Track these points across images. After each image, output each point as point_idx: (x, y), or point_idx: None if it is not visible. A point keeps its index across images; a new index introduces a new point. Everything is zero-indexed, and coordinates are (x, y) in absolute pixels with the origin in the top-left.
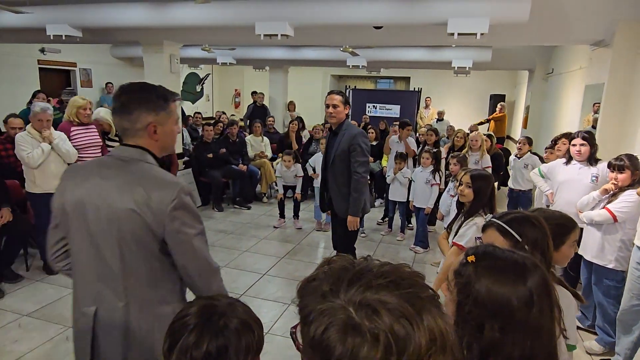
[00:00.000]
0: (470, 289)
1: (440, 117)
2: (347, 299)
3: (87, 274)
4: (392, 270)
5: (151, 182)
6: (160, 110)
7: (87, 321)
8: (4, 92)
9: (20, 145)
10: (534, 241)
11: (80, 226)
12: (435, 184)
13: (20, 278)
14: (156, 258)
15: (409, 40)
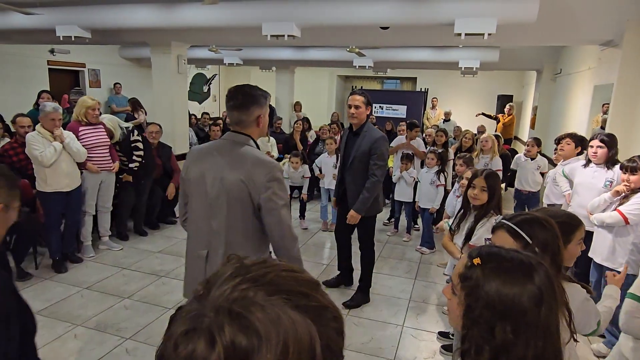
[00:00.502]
0: (479, 292)
1: (447, 118)
2: (212, 300)
3: (202, 227)
4: (271, 272)
5: (254, 160)
6: (264, 105)
7: (201, 261)
8: (15, 92)
9: (32, 145)
10: (544, 243)
11: (200, 192)
12: (440, 185)
13: (29, 276)
14: (251, 219)
15: (415, 40)
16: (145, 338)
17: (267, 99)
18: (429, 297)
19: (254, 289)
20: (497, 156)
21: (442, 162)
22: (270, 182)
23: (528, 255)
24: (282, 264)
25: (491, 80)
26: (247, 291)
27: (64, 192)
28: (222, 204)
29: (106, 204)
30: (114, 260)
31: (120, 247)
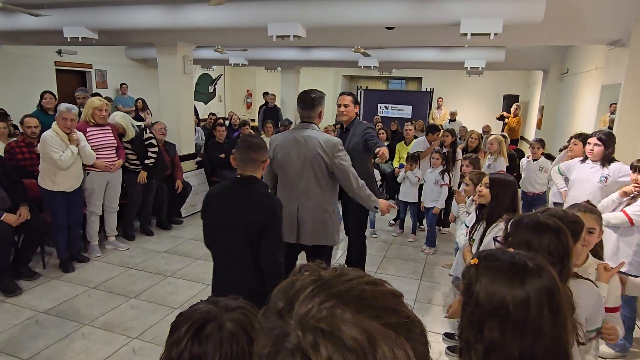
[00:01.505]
0: (472, 289)
1: (452, 118)
2: (297, 318)
3: (293, 189)
4: (355, 287)
5: (324, 138)
6: (322, 104)
7: (293, 214)
8: (22, 92)
9: (51, 146)
10: (549, 248)
11: (290, 165)
12: (445, 184)
13: (37, 275)
14: (326, 178)
15: (421, 40)
16: (151, 337)
17: (323, 99)
18: (435, 298)
19: (342, 306)
20: (502, 157)
21: (447, 162)
22: (337, 152)
23: (529, 259)
24: (361, 276)
25: (497, 80)
26: (334, 309)
27: (67, 192)
28: (307, 171)
29: (113, 204)
30: (120, 260)
31: (127, 247)
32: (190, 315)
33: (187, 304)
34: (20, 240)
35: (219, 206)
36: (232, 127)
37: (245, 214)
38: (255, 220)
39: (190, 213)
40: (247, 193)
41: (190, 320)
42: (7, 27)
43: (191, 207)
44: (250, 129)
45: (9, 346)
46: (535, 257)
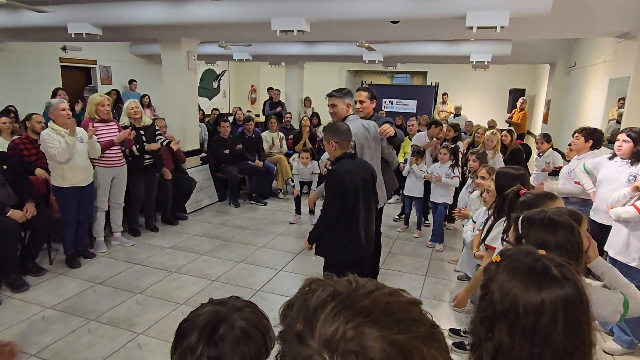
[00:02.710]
0: (489, 286)
1: (457, 113)
2: (323, 340)
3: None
4: (379, 301)
5: (375, 125)
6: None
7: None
8: (28, 89)
9: (47, 142)
10: (539, 244)
11: (365, 146)
12: (455, 176)
13: (43, 271)
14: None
15: (426, 34)
16: (157, 333)
17: (351, 92)
18: (440, 294)
19: (369, 323)
20: (499, 154)
21: (455, 157)
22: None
23: (555, 265)
24: (379, 286)
25: (503, 73)
26: (362, 327)
27: (79, 187)
28: (374, 150)
29: (118, 200)
30: (126, 255)
31: (132, 243)
32: (197, 319)
33: (193, 300)
34: (27, 237)
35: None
36: (236, 123)
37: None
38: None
39: (195, 209)
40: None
41: (200, 324)
42: (12, 23)
43: (196, 203)
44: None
45: (16, 341)
46: (564, 266)
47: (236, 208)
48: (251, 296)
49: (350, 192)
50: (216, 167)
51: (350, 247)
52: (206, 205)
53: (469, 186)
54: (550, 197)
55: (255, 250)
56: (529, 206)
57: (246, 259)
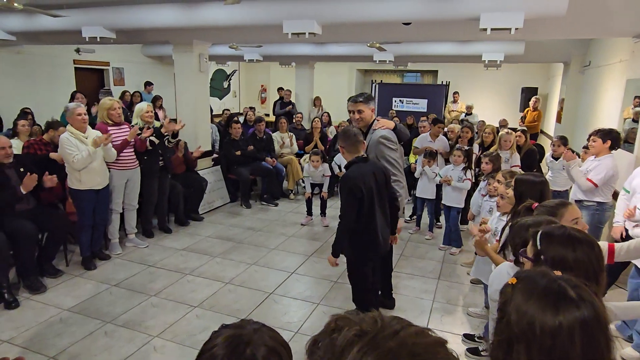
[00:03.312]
0: (505, 309)
1: (469, 112)
2: None
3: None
4: (405, 342)
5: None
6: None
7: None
8: (43, 91)
9: (66, 148)
10: (558, 260)
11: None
12: (467, 179)
13: (60, 273)
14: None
15: (438, 35)
16: (172, 336)
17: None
18: (454, 298)
19: None
20: (516, 152)
21: (469, 159)
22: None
23: (571, 286)
24: (405, 325)
25: (515, 72)
26: None
27: (95, 190)
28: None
29: (132, 202)
30: (140, 257)
31: (146, 245)
32: (217, 350)
33: (206, 302)
34: (44, 239)
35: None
36: (247, 123)
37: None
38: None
39: (207, 210)
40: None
41: (222, 351)
42: (28, 27)
43: (208, 204)
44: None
45: (35, 343)
46: (581, 287)
47: (248, 209)
48: (264, 299)
49: (365, 195)
50: (227, 168)
51: (370, 247)
52: (218, 207)
53: (482, 189)
54: (564, 205)
55: (268, 252)
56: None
57: (259, 261)
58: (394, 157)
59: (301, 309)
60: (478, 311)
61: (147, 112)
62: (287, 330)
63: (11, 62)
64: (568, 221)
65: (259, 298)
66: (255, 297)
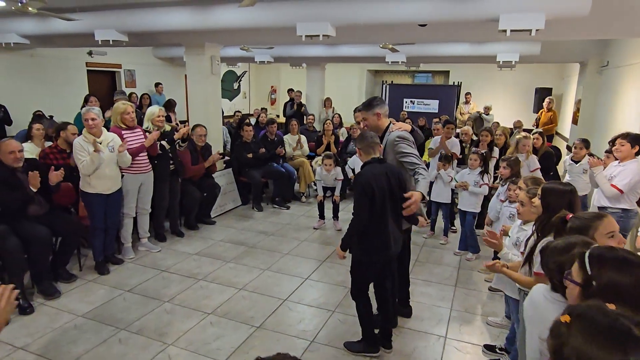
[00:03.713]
0: (562, 352)
1: (486, 112)
2: None
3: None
4: None
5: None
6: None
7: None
8: (56, 93)
9: (77, 152)
10: (612, 287)
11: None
12: (484, 184)
13: (74, 278)
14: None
15: (454, 37)
16: (186, 344)
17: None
18: (472, 307)
19: None
20: (532, 155)
21: (485, 163)
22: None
23: (634, 324)
24: None
25: (529, 72)
26: None
27: (104, 194)
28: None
29: (145, 206)
30: (153, 262)
31: (159, 249)
32: None
33: (220, 310)
34: (58, 243)
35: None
36: (258, 125)
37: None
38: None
39: (219, 213)
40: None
41: None
42: (42, 31)
43: (220, 207)
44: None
45: (50, 350)
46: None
47: (259, 212)
48: (278, 306)
49: (377, 195)
50: (239, 171)
51: (380, 247)
52: (230, 210)
53: (501, 194)
54: (599, 217)
55: (281, 257)
56: (579, 231)
57: (272, 267)
58: (412, 152)
59: (316, 316)
60: (498, 321)
61: (159, 117)
62: (302, 339)
63: (24, 65)
64: (603, 235)
65: (274, 305)
66: (270, 303)
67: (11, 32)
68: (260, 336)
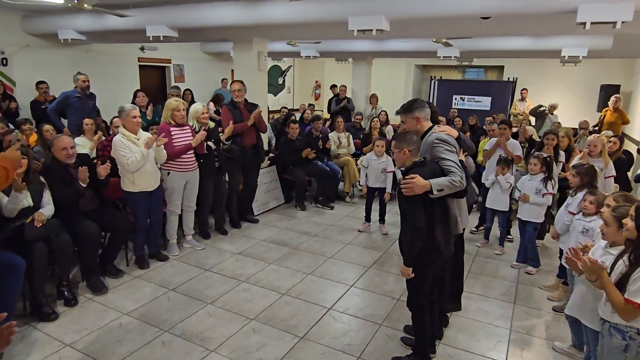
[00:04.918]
0: None
1: (551, 112)
2: None
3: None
4: None
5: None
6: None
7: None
8: (110, 88)
9: (120, 149)
10: None
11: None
12: (549, 194)
13: (121, 273)
14: None
15: (518, 30)
16: (228, 352)
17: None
18: (534, 328)
19: None
20: (610, 161)
21: (548, 169)
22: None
23: None
24: None
25: (593, 67)
26: None
27: (148, 191)
28: None
29: (191, 204)
30: (196, 260)
31: (203, 247)
32: None
33: (263, 315)
34: (107, 239)
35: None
36: (303, 121)
37: None
38: None
39: (262, 211)
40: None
41: None
42: (96, 27)
43: (263, 205)
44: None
45: (96, 350)
46: None
47: (302, 211)
48: (322, 315)
49: (428, 199)
50: (283, 169)
51: (431, 251)
52: (272, 208)
53: (571, 205)
54: None
55: (324, 261)
56: None
57: (315, 271)
58: (451, 157)
59: (362, 329)
60: (565, 348)
61: (203, 114)
62: (348, 354)
63: (81, 60)
64: None
65: (317, 313)
66: (313, 311)
67: (69, 28)
68: (304, 347)
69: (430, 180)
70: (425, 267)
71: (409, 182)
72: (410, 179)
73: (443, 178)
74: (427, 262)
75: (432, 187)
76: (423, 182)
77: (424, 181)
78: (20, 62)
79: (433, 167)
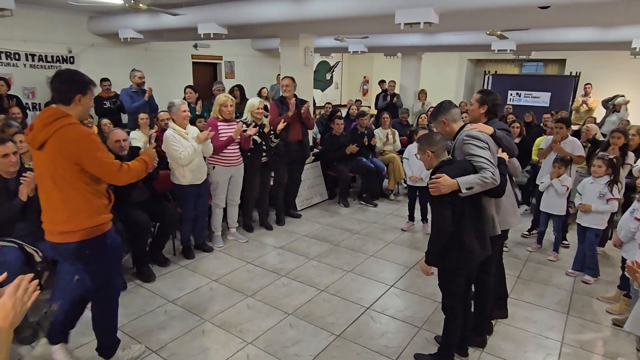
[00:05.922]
0: None
1: (617, 109)
2: None
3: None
4: None
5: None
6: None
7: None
8: (165, 84)
9: (171, 144)
10: None
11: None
12: (614, 199)
13: (168, 262)
14: None
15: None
16: (265, 345)
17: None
18: (590, 342)
19: None
20: None
21: (614, 171)
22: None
23: None
24: None
25: None
26: None
27: (196, 184)
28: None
29: (235, 197)
30: (239, 252)
31: (246, 240)
32: None
33: (301, 311)
34: (156, 229)
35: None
36: (349, 117)
37: None
38: None
39: (305, 206)
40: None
41: None
42: (152, 26)
43: (307, 201)
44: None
45: (141, 334)
46: None
47: (346, 208)
48: (360, 314)
49: (457, 198)
50: (327, 165)
51: (463, 252)
52: (316, 203)
53: (637, 211)
54: None
55: (365, 259)
56: None
57: (355, 269)
58: (483, 154)
59: (401, 331)
60: None
61: (258, 109)
62: (384, 356)
63: (139, 58)
64: None
65: (355, 312)
66: (351, 310)
67: (128, 27)
68: (340, 346)
69: (458, 179)
70: (456, 269)
71: (435, 182)
72: (436, 179)
73: (472, 175)
74: (458, 264)
75: (459, 185)
76: (450, 182)
77: (451, 180)
78: (85, 60)
79: (464, 165)
